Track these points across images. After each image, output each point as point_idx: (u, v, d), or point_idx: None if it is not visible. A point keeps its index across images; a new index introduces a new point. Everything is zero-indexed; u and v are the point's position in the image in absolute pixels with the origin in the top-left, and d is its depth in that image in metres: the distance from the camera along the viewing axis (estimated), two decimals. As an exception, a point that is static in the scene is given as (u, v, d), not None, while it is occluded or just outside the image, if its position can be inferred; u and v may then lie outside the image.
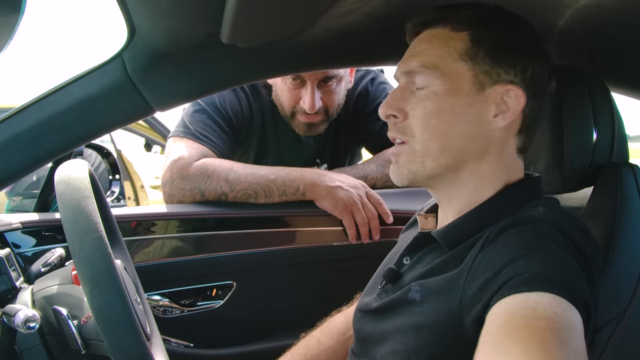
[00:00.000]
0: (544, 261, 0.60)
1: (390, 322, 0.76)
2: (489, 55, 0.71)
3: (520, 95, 0.72)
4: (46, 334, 0.81)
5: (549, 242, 0.63)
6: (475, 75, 0.72)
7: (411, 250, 0.81)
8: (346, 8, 0.81)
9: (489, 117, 0.73)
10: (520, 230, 0.66)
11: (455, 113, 0.72)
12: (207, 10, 0.80)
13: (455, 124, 0.72)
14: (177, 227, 1.26)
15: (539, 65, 0.74)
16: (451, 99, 0.71)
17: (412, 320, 0.71)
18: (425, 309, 0.70)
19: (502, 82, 0.72)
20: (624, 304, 0.75)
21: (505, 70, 0.72)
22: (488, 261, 0.64)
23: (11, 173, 0.95)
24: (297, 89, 1.39)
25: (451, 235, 0.74)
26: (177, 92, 1.02)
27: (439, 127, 0.72)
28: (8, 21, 0.73)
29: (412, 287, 0.73)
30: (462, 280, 0.66)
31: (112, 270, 0.65)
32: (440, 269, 0.72)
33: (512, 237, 0.66)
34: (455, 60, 0.72)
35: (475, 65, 0.71)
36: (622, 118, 0.87)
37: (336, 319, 1.03)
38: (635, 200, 0.80)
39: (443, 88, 0.72)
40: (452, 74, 0.72)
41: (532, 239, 0.64)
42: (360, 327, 0.84)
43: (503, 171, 0.75)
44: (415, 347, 0.69)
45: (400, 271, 0.80)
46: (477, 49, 0.71)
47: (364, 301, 0.85)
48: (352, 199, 1.28)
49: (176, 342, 1.25)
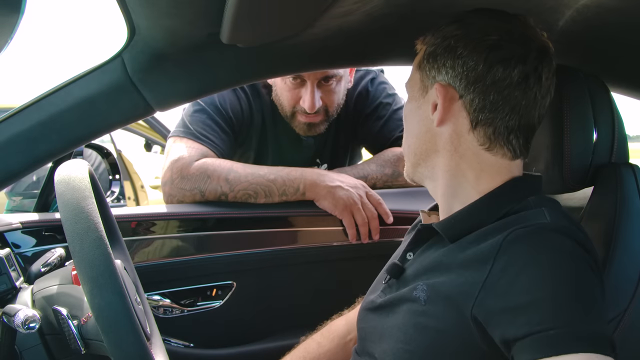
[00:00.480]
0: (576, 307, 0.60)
1: (392, 319, 0.76)
2: (429, 60, 0.78)
3: (447, 91, 0.75)
4: (46, 334, 0.81)
5: (571, 264, 0.63)
6: (422, 81, 0.80)
7: (414, 245, 0.82)
8: (346, 8, 0.81)
9: (430, 116, 0.78)
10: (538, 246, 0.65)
11: (411, 117, 0.82)
12: (207, 10, 0.80)
13: (412, 126, 0.82)
14: (177, 227, 1.26)
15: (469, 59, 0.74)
16: (409, 104, 0.83)
17: (415, 320, 0.72)
18: (430, 310, 0.70)
19: (436, 82, 0.77)
20: (624, 304, 0.75)
21: (438, 71, 0.77)
22: (506, 284, 0.63)
23: (11, 173, 0.95)
24: (297, 88, 1.39)
25: (452, 228, 0.75)
26: (177, 92, 1.02)
27: (406, 130, 0.84)
28: (8, 21, 0.73)
29: (418, 286, 0.73)
30: (476, 292, 0.65)
31: (112, 270, 0.65)
32: (443, 265, 0.73)
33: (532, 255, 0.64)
34: (414, 71, 0.82)
35: (422, 72, 0.80)
36: (622, 118, 0.87)
37: (337, 322, 1.03)
38: (635, 200, 0.81)
39: (408, 96, 0.83)
40: (412, 84, 0.82)
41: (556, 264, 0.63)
42: (364, 326, 0.84)
43: (476, 167, 0.76)
44: (420, 346, 0.70)
45: (403, 266, 0.81)
46: (425, 56, 0.79)
47: (369, 299, 0.86)
48: (352, 198, 1.28)
49: (176, 342, 1.25)
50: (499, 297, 0.63)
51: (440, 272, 0.72)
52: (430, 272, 0.74)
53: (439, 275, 0.72)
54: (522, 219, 0.70)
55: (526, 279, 0.62)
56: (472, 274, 0.67)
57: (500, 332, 0.62)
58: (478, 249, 0.69)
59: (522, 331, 0.60)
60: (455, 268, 0.70)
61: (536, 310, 0.60)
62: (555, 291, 0.61)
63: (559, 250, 0.64)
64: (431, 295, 0.71)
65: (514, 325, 0.60)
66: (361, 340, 0.84)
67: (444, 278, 0.71)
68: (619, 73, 1.07)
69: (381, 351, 0.76)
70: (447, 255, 0.73)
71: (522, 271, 0.63)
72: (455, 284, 0.69)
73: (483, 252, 0.68)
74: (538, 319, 0.59)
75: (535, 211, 0.71)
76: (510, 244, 0.66)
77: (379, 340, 0.77)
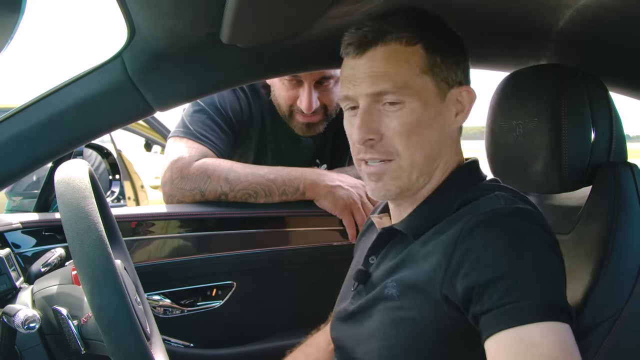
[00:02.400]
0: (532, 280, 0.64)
1: (368, 322, 0.77)
2: (444, 63, 0.76)
3: (470, 90, 0.79)
4: (46, 334, 0.81)
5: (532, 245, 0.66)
6: (437, 86, 0.76)
7: (375, 249, 0.83)
8: (345, 8, 0.81)
9: (451, 119, 0.79)
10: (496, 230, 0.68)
11: (429, 125, 0.76)
12: (207, 10, 0.80)
13: (431, 134, 0.76)
14: (177, 227, 1.26)
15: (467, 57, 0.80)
16: (425, 112, 0.75)
17: (392, 316, 0.73)
18: (404, 304, 0.72)
19: (456, 84, 0.78)
20: (620, 303, 0.76)
21: (455, 72, 0.77)
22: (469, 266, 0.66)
23: (11, 173, 0.95)
24: (295, 88, 1.39)
25: (413, 225, 0.77)
26: (177, 92, 1.02)
27: (420, 141, 0.76)
28: (8, 21, 0.73)
29: (387, 284, 0.75)
30: (440, 276, 0.69)
31: (112, 270, 0.65)
32: (409, 261, 0.75)
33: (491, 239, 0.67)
34: (418, 75, 0.75)
35: (436, 76, 0.76)
36: (620, 117, 0.87)
37: (317, 337, 1.04)
38: (633, 199, 0.81)
39: (417, 105, 0.75)
40: (420, 89, 0.75)
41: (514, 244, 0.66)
42: (338, 335, 0.85)
43: (453, 157, 0.80)
44: (400, 340, 0.71)
45: (368, 270, 0.82)
46: (433, 59, 0.75)
47: (340, 308, 0.87)
48: (352, 198, 1.28)
49: (176, 342, 1.25)
50: (463, 278, 0.66)
51: (407, 267, 0.74)
52: (397, 269, 0.76)
53: (406, 269, 0.74)
54: (478, 207, 0.73)
55: (487, 259, 0.66)
56: (434, 261, 0.70)
57: (472, 310, 0.65)
58: (440, 239, 0.72)
59: (486, 306, 0.63)
60: (419, 260, 0.73)
61: (497, 286, 0.63)
62: (515, 268, 0.64)
63: (517, 232, 0.67)
64: (402, 289, 0.73)
65: (480, 302, 0.64)
66: (339, 348, 0.85)
67: (410, 271, 0.74)
68: (618, 73, 1.07)
69: (363, 354, 0.77)
70: (411, 251, 0.75)
71: (482, 254, 0.66)
72: (420, 273, 0.72)
73: (444, 240, 0.71)
74: (500, 293, 0.63)
75: (489, 197, 0.74)
76: (470, 231, 0.69)
77: (358, 345, 0.78)
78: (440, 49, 0.76)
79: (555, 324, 0.61)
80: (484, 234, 0.68)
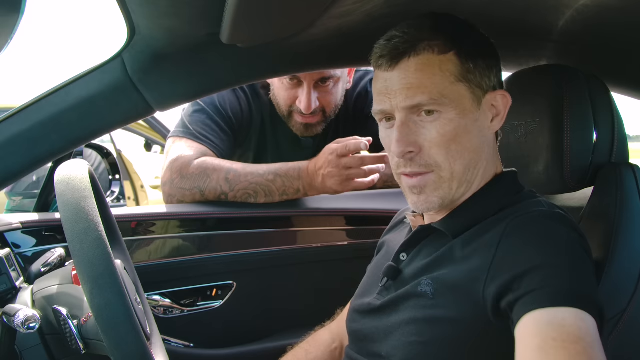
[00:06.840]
0: (570, 274, 0.65)
1: (395, 317, 0.77)
2: (477, 69, 0.75)
3: (505, 94, 0.79)
4: (46, 334, 0.81)
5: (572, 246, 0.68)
6: (473, 92, 0.75)
7: (408, 246, 0.83)
8: (346, 8, 0.81)
9: (487, 124, 0.78)
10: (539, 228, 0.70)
11: (468, 132, 0.75)
12: (207, 10, 0.80)
13: (469, 141, 0.75)
14: (177, 227, 1.26)
15: (499, 60, 0.80)
16: (463, 120, 0.74)
17: (424, 313, 0.73)
18: (440, 303, 0.72)
19: (490, 89, 0.77)
20: (624, 304, 0.75)
21: (488, 77, 0.77)
22: (511, 259, 0.68)
23: (11, 173, 0.95)
24: (294, 88, 1.39)
25: (454, 224, 0.78)
26: (177, 92, 1.02)
27: (459, 150, 0.75)
28: (8, 21, 0.73)
29: (422, 281, 0.75)
30: (485, 275, 0.69)
31: (112, 270, 0.65)
32: (447, 259, 0.75)
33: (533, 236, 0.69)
34: (452, 83, 0.74)
35: (470, 83, 0.75)
36: (622, 118, 0.87)
37: (321, 333, 1.04)
38: (635, 199, 0.81)
39: (455, 113, 0.74)
40: (456, 97, 0.74)
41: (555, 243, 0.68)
42: (360, 328, 0.84)
43: (492, 164, 0.81)
44: (434, 338, 0.71)
45: (399, 267, 0.82)
46: (467, 66, 0.74)
47: (363, 302, 0.86)
48: (342, 176, 1.25)
49: (176, 342, 1.25)
50: (505, 272, 0.67)
51: (445, 266, 0.74)
52: (432, 267, 0.76)
53: (444, 268, 0.74)
54: (523, 209, 0.75)
55: (528, 251, 0.67)
56: (478, 261, 0.71)
57: (508, 299, 0.66)
58: (484, 239, 0.73)
59: (522, 291, 0.65)
60: (460, 259, 0.73)
61: (537, 274, 0.65)
62: (555, 261, 0.66)
63: (558, 233, 0.69)
64: (438, 287, 0.73)
65: (519, 289, 0.65)
66: (359, 342, 0.84)
67: (449, 270, 0.73)
68: (619, 73, 1.07)
69: (390, 348, 0.76)
70: (449, 250, 0.76)
71: (524, 247, 0.68)
72: (462, 272, 0.72)
73: (487, 240, 0.72)
74: (538, 279, 0.64)
75: (532, 201, 0.76)
76: (513, 230, 0.70)
77: (386, 338, 0.78)
78: (473, 55, 0.75)
79: (586, 314, 0.61)
80: (527, 232, 0.70)
